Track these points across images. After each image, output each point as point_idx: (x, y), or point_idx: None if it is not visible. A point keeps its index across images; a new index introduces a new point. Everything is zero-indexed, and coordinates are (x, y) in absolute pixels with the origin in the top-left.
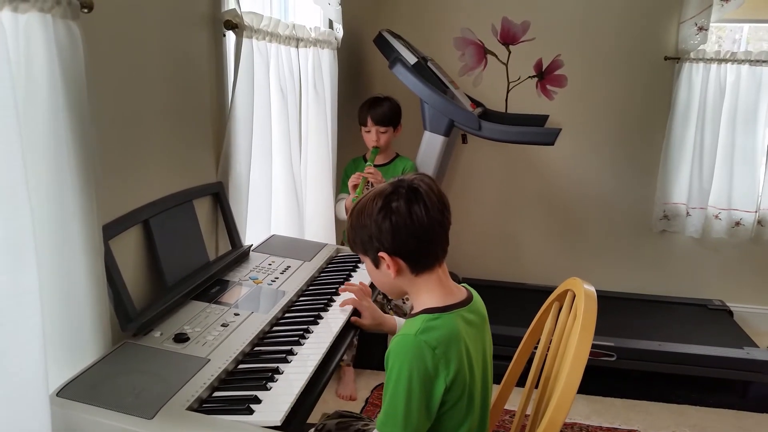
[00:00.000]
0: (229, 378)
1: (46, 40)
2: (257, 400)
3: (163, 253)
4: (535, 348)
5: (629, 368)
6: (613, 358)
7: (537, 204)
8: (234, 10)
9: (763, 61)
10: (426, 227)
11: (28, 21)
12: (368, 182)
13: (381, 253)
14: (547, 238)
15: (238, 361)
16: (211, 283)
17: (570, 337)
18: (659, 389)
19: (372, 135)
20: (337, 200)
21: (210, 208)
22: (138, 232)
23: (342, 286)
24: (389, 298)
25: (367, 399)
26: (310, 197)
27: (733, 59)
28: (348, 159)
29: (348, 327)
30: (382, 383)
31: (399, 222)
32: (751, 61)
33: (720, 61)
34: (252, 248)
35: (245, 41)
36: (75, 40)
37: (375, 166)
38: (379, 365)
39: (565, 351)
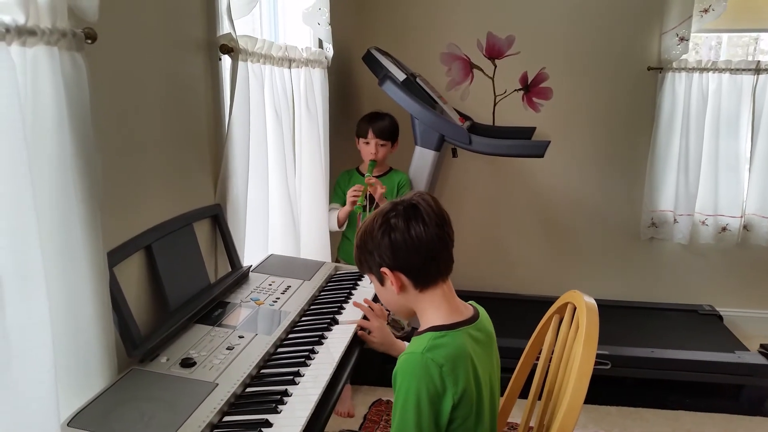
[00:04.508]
0: (239, 402)
1: (53, 72)
2: (268, 424)
3: (166, 278)
4: (537, 360)
5: (624, 376)
6: (608, 366)
7: (526, 215)
8: (229, 34)
9: (743, 70)
10: (425, 243)
11: (35, 54)
12: (367, 193)
13: (383, 269)
14: (537, 248)
15: (245, 384)
16: (213, 306)
17: (573, 349)
18: (654, 395)
19: (371, 147)
20: (329, 210)
21: (209, 230)
22: (140, 258)
23: (361, 301)
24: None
25: (366, 415)
26: (305, 215)
27: (714, 68)
28: (337, 175)
29: (353, 344)
30: (380, 399)
31: (398, 238)
32: (731, 69)
33: (701, 70)
34: (251, 269)
35: (240, 64)
36: (80, 71)
37: None
38: (376, 381)
39: (569, 363)
